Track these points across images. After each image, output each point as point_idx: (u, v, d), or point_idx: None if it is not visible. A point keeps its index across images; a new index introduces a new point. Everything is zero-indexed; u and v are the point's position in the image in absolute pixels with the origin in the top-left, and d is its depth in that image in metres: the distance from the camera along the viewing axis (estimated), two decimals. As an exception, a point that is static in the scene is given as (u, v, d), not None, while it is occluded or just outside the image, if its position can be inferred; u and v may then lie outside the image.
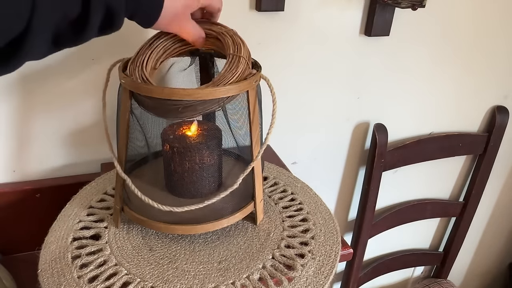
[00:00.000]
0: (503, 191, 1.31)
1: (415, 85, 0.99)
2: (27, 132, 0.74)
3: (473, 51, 0.99)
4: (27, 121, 0.73)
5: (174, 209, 0.49)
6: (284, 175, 0.72)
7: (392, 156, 1.00)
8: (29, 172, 0.77)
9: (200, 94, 0.45)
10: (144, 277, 0.49)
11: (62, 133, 0.76)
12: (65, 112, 0.74)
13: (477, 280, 1.55)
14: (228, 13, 0.75)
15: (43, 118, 0.74)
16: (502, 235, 1.44)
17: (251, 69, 0.51)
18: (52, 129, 0.75)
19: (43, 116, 0.74)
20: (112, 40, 0.67)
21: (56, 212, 0.60)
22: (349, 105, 0.95)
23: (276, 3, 0.75)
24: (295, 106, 0.90)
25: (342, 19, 0.84)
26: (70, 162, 0.79)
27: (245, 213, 0.56)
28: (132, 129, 0.53)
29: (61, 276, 0.49)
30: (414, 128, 1.05)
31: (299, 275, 0.50)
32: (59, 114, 0.74)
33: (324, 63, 0.87)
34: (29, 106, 0.72)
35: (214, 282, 0.49)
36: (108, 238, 0.55)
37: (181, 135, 0.55)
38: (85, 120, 0.76)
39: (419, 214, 1.16)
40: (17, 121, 0.73)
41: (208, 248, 0.55)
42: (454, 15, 0.92)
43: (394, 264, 1.26)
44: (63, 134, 0.76)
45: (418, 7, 0.77)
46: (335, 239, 0.57)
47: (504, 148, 1.15)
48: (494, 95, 1.08)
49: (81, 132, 0.77)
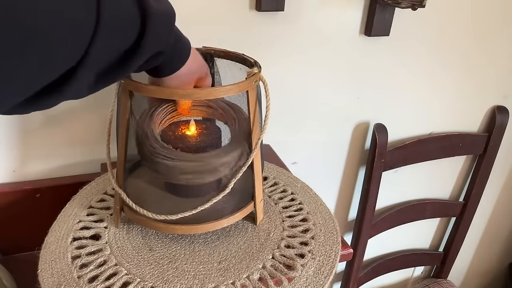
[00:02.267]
0: (503, 191, 1.31)
1: (415, 85, 0.99)
2: (27, 132, 0.74)
3: (473, 51, 0.99)
4: (27, 121, 0.73)
5: (169, 217, 0.50)
6: (284, 175, 0.72)
7: (392, 156, 1.00)
8: (29, 172, 0.77)
9: (200, 94, 0.46)
10: (144, 277, 0.49)
11: (62, 133, 0.76)
12: (65, 112, 0.75)
13: (477, 280, 1.55)
14: (228, 13, 0.75)
15: (43, 118, 0.74)
16: (502, 235, 1.44)
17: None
18: (52, 129, 0.75)
19: (43, 116, 0.74)
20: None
21: (56, 212, 0.60)
22: (349, 105, 0.95)
23: (276, 3, 0.75)
24: (295, 106, 0.90)
25: (342, 19, 0.84)
26: (70, 162, 0.79)
27: (245, 213, 0.56)
28: (132, 129, 0.53)
29: (61, 276, 0.49)
30: (414, 128, 1.05)
31: (299, 275, 0.50)
32: (59, 114, 0.74)
33: (324, 63, 0.87)
34: (29, 106, 0.72)
35: (214, 282, 0.49)
36: (108, 238, 0.55)
37: (181, 135, 0.55)
38: (85, 120, 0.76)
39: (419, 214, 1.16)
40: (17, 121, 0.73)
41: (208, 248, 0.55)
42: (454, 15, 0.92)
43: (394, 264, 1.26)
44: (63, 134, 0.76)
45: (418, 7, 0.77)
46: (335, 239, 0.57)
47: (504, 148, 1.15)
48: (494, 95, 1.08)
49: (81, 132, 0.77)
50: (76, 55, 0.30)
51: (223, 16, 0.75)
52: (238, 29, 0.77)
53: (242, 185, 0.56)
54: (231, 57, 0.58)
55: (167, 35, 0.39)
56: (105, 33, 0.31)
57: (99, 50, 0.31)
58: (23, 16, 0.25)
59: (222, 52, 0.58)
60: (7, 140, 0.73)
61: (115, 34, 0.32)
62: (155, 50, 0.38)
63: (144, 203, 0.53)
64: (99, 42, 0.30)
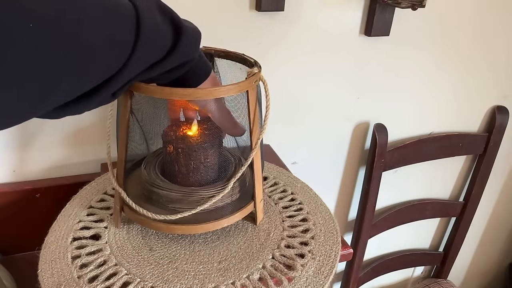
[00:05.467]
0: (503, 191, 1.31)
1: (415, 85, 0.99)
2: (27, 132, 0.74)
3: (473, 51, 0.99)
4: (27, 121, 0.73)
5: (168, 217, 0.50)
6: (284, 175, 0.72)
7: (392, 156, 1.00)
8: (29, 172, 0.77)
9: (200, 94, 0.45)
10: (144, 277, 0.49)
11: (62, 133, 0.76)
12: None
13: (477, 280, 1.55)
14: (228, 13, 0.75)
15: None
16: (502, 235, 1.44)
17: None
18: (52, 129, 0.75)
19: (43, 116, 0.74)
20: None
21: (56, 212, 0.60)
22: (349, 105, 0.95)
23: (276, 3, 0.75)
24: (295, 106, 0.90)
25: (342, 19, 0.84)
26: (70, 162, 0.79)
27: (245, 213, 0.56)
28: (132, 129, 0.53)
29: (61, 276, 0.49)
30: (414, 128, 1.05)
31: (299, 275, 0.50)
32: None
33: (324, 63, 0.87)
34: (29, 106, 0.72)
35: (214, 282, 0.49)
36: (108, 238, 0.55)
37: (183, 136, 0.55)
38: (85, 120, 0.76)
39: (419, 214, 1.16)
40: (17, 121, 0.73)
41: (208, 248, 0.55)
42: (454, 15, 0.92)
43: (394, 264, 1.26)
44: (63, 134, 0.76)
45: (418, 7, 0.77)
46: (335, 239, 0.57)
47: (504, 148, 1.15)
48: (494, 95, 1.08)
49: (81, 132, 0.77)
50: (112, 70, 0.33)
51: (223, 16, 0.75)
52: (238, 29, 0.77)
53: (242, 185, 0.57)
54: (231, 57, 0.58)
55: (194, 50, 0.41)
56: (141, 52, 0.33)
57: (133, 65, 0.33)
58: (68, 39, 0.27)
59: (222, 52, 0.58)
60: (7, 140, 0.73)
61: (150, 50, 0.35)
62: (182, 60, 0.40)
63: (144, 203, 0.53)
64: (134, 59, 0.33)
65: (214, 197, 0.51)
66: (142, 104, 0.56)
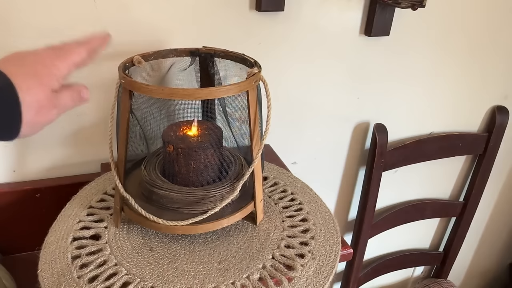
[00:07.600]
0: (503, 191, 1.31)
1: (415, 85, 0.99)
2: (27, 132, 0.74)
3: (473, 51, 0.99)
4: (27, 121, 0.73)
5: (180, 223, 0.50)
6: (284, 175, 0.72)
7: (392, 156, 1.00)
8: (29, 172, 0.77)
9: (200, 94, 0.46)
10: (144, 277, 0.49)
11: (62, 133, 0.76)
12: (65, 112, 0.74)
13: (477, 280, 1.55)
14: (228, 13, 0.75)
15: (43, 118, 0.74)
16: (502, 235, 1.44)
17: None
18: (52, 129, 0.75)
19: (43, 116, 0.74)
20: (112, 41, 0.67)
21: (56, 212, 0.60)
22: (349, 105, 0.95)
23: (276, 3, 0.75)
24: (295, 106, 0.89)
25: (342, 19, 0.84)
26: (70, 162, 0.79)
27: (245, 213, 0.56)
28: (132, 129, 0.53)
29: (61, 276, 0.49)
30: (414, 128, 1.05)
31: (299, 275, 0.50)
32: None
33: (324, 63, 0.87)
34: (29, 106, 0.72)
35: (214, 282, 0.49)
36: (108, 238, 0.55)
37: (183, 136, 0.55)
38: (85, 120, 0.76)
39: (419, 214, 1.16)
40: (17, 121, 0.72)
41: (208, 248, 0.55)
42: (454, 15, 0.92)
43: (394, 264, 1.26)
44: (63, 134, 0.76)
45: (418, 7, 0.77)
46: (335, 239, 0.57)
47: (504, 148, 1.15)
48: (494, 95, 1.08)
49: (81, 133, 0.77)
50: None
51: (223, 16, 0.75)
52: (238, 29, 0.77)
53: (242, 185, 0.57)
54: (231, 57, 0.58)
55: None
56: None
57: None
58: None
59: (222, 52, 0.58)
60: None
61: None
62: None
63: (144, 203, 0.53)
64: None
65: (223, 200, 0.52)
66: (142, 104, 0.56)
